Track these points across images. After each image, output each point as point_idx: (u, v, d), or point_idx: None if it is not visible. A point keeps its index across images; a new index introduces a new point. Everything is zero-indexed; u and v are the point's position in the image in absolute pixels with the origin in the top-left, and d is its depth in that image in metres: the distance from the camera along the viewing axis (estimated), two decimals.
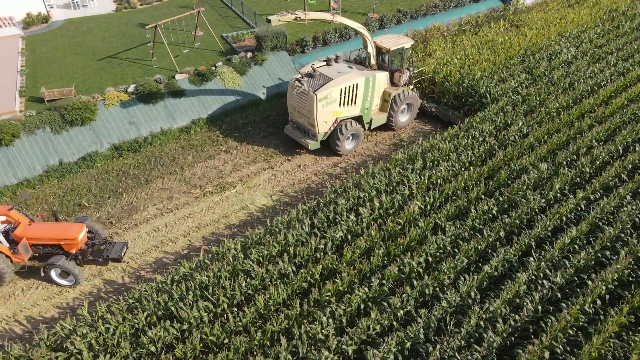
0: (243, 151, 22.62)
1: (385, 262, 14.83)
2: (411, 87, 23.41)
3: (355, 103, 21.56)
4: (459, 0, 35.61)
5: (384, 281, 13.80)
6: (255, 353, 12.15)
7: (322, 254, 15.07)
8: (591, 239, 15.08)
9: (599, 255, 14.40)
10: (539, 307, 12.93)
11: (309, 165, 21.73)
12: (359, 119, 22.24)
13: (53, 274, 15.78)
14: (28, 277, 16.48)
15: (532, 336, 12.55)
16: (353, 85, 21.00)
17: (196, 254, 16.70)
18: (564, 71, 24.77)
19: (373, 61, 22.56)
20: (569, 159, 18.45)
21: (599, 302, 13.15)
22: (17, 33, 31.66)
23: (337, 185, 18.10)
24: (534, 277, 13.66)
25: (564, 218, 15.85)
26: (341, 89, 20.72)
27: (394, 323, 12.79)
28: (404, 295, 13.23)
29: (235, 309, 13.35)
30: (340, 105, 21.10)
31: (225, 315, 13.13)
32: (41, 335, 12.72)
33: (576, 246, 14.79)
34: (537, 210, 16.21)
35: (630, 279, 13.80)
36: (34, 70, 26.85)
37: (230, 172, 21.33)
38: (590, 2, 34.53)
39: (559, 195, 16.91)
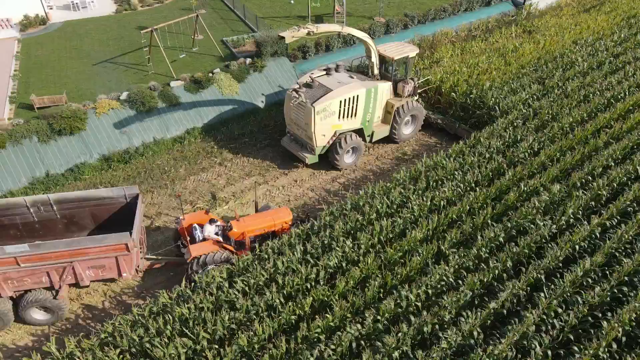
0: (238, 164, 21.57)
1: (382, 294, 13.71)
2: (416, 97, 22.22)
3: (355, 115, 20.42)
4: (469, 4, 34.28)
5: (378, 317, 12.70)
6: None
7: (313, 283, 13.99)
8: (607, 272, 13.85)
9: (615, 290, 13.19)
10: (549, 352, 11.78)
11: (306, 180, 20.63)
12: (359, 132, 21.07)
13: None
14: None
15: None
16: (353, 97, 19.86)
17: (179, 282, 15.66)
18: (578, 82, 23.37)
19: (376, 71, 21.41)
20: (583, 180, 17.16)
21: (614, 345, 11.99)
22: (13, 35, 30.89)
23: (333, 207, 16.93)
24: (544, 317, 12.49)
25: (577, 247, 14.62)
26: (340, 101, 19.59)
27: None
28: (399, 334, 12.13)
29: (216, 346, 12.33)
30: (339, 117, 19.99)
31: (204, 353, 12.11)
32: None
33: (590, 280, 13.59)
34: (547, 237, 14.98)
35: None
36: (27, 75, 26.04)
37: (224, 186, 20.30)
38: (607, 7, 32.97)
39: (572, 220, 15.67)
